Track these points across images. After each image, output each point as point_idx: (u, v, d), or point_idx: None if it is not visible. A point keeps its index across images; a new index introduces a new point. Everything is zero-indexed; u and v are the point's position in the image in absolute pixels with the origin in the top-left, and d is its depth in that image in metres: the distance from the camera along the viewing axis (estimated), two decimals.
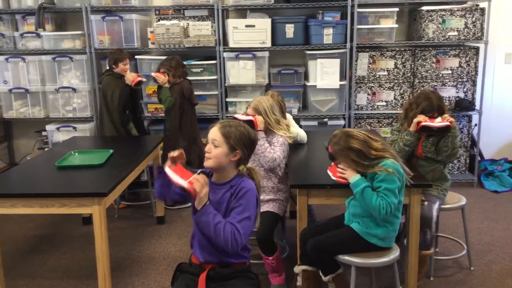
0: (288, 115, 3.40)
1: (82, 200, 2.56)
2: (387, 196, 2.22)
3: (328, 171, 2.43)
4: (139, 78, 4.00)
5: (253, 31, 4.40)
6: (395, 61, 4.47)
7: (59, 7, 4.54)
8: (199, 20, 4.57)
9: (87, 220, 3.87)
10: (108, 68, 4.10)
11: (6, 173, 3.08)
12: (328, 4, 4.34)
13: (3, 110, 4.63)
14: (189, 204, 4.11)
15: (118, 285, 2.96)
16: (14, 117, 4.66)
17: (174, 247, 3.47)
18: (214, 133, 1.98)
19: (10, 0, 4.57)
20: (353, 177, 2.29)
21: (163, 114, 4.32)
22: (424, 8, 4.35)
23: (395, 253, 2.36)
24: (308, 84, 4.49)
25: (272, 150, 2.85)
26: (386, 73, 4.50)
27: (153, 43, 4.55)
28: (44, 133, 4.66)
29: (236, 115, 2.92)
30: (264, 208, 2.85)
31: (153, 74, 3.93)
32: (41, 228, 3.87)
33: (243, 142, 1.98)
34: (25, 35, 4.59)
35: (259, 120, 2.87)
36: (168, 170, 1.90)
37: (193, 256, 2.10)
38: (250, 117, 2.87)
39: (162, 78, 3.90)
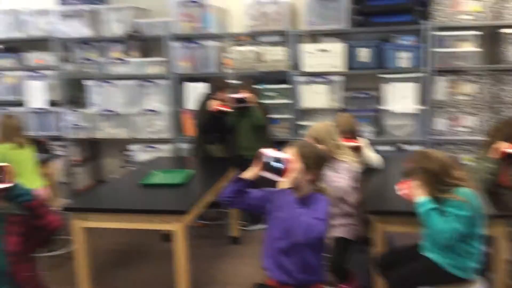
0: (363, 139, 3.38)
1: (164, 217, 2.70)
2: (453, 222, 2.13)
3: (396, 186, 2.38)
4: (219, 108, 4.06)
5: (326, 56, 4.45)
6: (476, 85, 4.31)
7: (144, 35, 4.87)
8: (273, 46, 4.69)
9: (167, 237, 4.04)
10: (209, 92, 4.27)
11: (96, 189, 3.32)
12: (403, 27, 4.30)
13: (92, 130, 4.99)
14: (263, 226, 4.19)
15: None
16: (102, 137, 5.01)
17: (250, 268, 3.52)
18: (291, 153, 2.07)
19: (100, 29, 4.96)
20: (420, 196, 2.22)
21: None
22: (505, 30, 4.19)
23: (476, 286, 2.26)
24: (383, 108, 4.45)
25: (336, 178, 2.78)
26: (466, 97, 4.34)
27: (228, 68, 4.74)
28: (128, 153, 4.97)
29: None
30: (335, 233, 2.83)
31: (240, 95, 3.96)
32: (123, 243, 4.09)
33: (318, 162, 2.09)
34: (113, 61, 4.95)
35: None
36: (266, 150, 2.06)
37: (268, 277, 2.15)
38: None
39: (253, 98, 4.02)
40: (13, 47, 5.27)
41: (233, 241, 3.98)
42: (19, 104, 5.04)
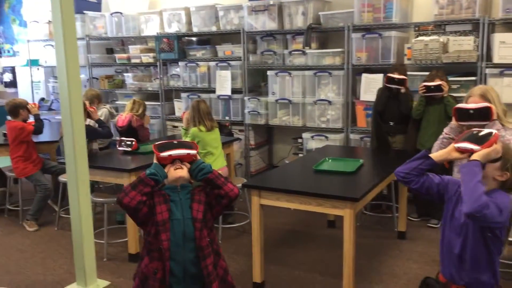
0: None
1: (335, 202, 2.76)
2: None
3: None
4: (393, 76, 4.03)
5: None
6: None
7: (324, 26, 4.98)
8: (460, 35, 4.37)
9: (332, 223, 4.13)
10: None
11: (271, 171, 3.55)
12: None
13: (268, 117, 5.33)
14: (437, 225, 3.98)
15: None
16: (277, 124, 5.31)
17: (415, 264, 3.41)
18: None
19: (284, 22, 5.22)
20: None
21: None
22: None
23: None
24: None
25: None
26: None
27: (409, 59, 4.56)
28: (299, 140, 5.17)
29: (461, 105, 2.64)
30: None
31: (434, 83, 3.85)
32: (290, 224, 4.30)
33: None
34: (293, 52, 5.17)
35: (494, 109, 2.52)
36: (460, 144, 1.93)
37: (441, 274, 2.07)
38: (485, 104, 2.52)
39: (447, 86, 3.89)
40: (205, 39, 5.91)
41: (399, 236, 3.88)
42: (211, 91, 5.64)
